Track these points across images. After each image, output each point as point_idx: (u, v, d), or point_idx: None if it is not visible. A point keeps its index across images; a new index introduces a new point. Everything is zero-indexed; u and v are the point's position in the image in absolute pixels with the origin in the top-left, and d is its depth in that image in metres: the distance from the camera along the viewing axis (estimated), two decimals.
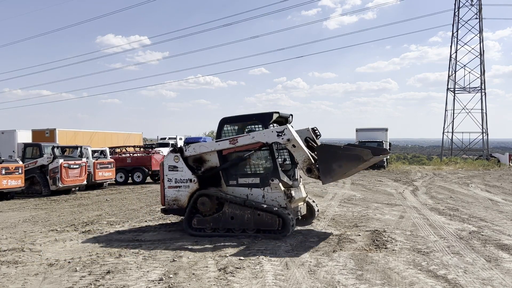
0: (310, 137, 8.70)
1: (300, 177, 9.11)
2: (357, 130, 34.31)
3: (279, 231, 7.88)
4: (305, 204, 8.98)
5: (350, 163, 7.52)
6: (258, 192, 8.24)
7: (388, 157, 34.59)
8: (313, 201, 9.38)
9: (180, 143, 40.16)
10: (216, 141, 8.71)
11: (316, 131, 8.83)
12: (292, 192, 8.19)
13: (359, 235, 8.16)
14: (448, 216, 10.29)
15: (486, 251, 6.82)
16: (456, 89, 46.31)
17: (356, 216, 10.44)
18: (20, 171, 15.60)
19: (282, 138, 8.06)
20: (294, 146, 8.02)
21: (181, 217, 9.04)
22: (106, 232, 8.99)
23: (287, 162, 9.06)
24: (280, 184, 8.14)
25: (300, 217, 8.74)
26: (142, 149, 25.10)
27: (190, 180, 8.67)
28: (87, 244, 7.86)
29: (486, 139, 45.48)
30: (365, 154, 7.28)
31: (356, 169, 8.11)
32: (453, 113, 46.03)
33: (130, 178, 21.85)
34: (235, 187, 8.43)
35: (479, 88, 45.52)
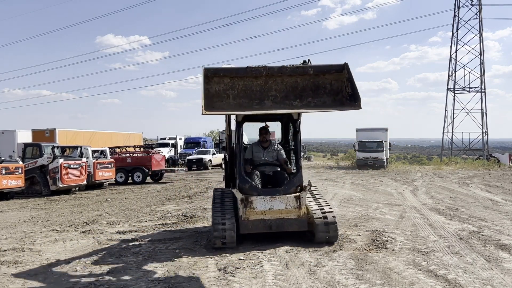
0: None
1: (306, 186, 7.39)
2: (357, 130, 34.32)
3: None
4: (301, 217, 7.32)
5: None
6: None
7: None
8: (324, 217, 7.38)
9: (180, 143, 40.21)
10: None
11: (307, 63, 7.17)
12: (253, 201, 7.17)
13: (359, 235, 8.16)
14: (448, 216, 10.29)
15: (486, 251, 6.82)
16: (456, 89, 46.37)
17: (356, 216, 10.44)
18: (20, 171, 15.61)
19: None
20: None
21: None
22: (106, 232, 8.99)
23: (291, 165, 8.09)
24: (235, 190, 7.30)
25: (277, 230, 7.36)
26: (142, 149, 25.11)
27: (224, 178, 8.92)
28: (87, 244, 7.87)
29: (486, 139, 45.53)
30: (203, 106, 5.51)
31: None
32: (453, 113, 46.13)
33: (130, 178, 21.87)
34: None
35: (479, 88, 45.58)
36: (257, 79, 6.39)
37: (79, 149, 18.41)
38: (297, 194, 7.29)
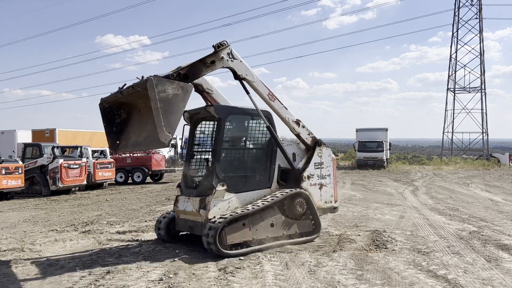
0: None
1: (214, 190, 6.89)
2: (357, 130, 34.29)
3: None
4: (204, 223, 6.91)
5: None
6: None
7: None
8: (214, 221, 6.65)
9: (180, 143, 40.17)
10: None
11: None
12: (178, 200, 7.57)
13: (359, 235, 8.16)
14: (448, 216, 10.29)
15: (486, 251, 6.82)
16: (456, 89, 46.28)
17: (356, 216, 10.44)
18: (20, 171, 15.59)
19: None
20: None
21: None
22: (106, 232, 8.99)
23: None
24: (177, 189, 7.84)
25: (190, 232, 7.52)
26: None
27: None
28: (87, 244, 7.86)
29: (486, 139, 45.44)
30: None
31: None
32: (453, 113, 46.01)
33: (130, 178, 21.85)
34: None
35: (479, 88, 45.50)
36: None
37: (79, 149, 18.40)
38: (203, 197, 7.05)
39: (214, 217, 6.80)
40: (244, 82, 7.38)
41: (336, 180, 8.36)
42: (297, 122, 7.94)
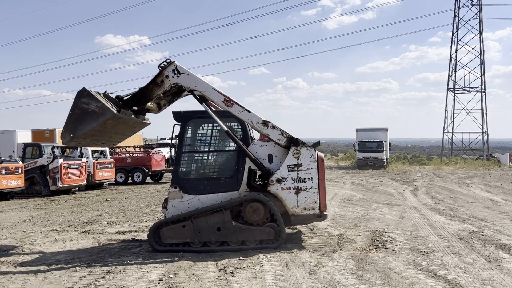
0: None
1: (169, 192, 7.52)
2: (357, 130, 34.29)
3: None
4: None
5: None
6: None
7: None
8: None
9: None
10: None
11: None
12: None
13: (359, 235, 8.16)
14: (448, 216, 10.29)
15: (486, 251, 6.82)
16: (456, 89, 46.25)
17: (356, 216, 10.44)
18: (20, 171, 15.59)
19: None
20: None
21: None
22: (106, 232, 8.99)
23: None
24: None
25: None
26: (142, 149, 25.09)
27: None
28: (87, 244, 7.87)
29: (486, 139, 45.42)
30: None
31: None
32: (453, 113, 45.96)
33: (130, 178, 21.84)
34: None
35: (479, 88, 45.47)
36: None
37: (79, 149, 18.38)
38: (167, 197, 7.58)
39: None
40: (196, 93, 7.52)
41: (325, 184, 7.44)
42: (265, 124, 7.43)
